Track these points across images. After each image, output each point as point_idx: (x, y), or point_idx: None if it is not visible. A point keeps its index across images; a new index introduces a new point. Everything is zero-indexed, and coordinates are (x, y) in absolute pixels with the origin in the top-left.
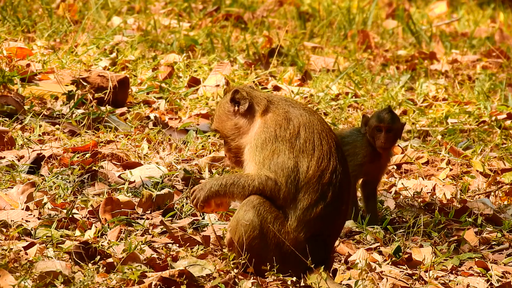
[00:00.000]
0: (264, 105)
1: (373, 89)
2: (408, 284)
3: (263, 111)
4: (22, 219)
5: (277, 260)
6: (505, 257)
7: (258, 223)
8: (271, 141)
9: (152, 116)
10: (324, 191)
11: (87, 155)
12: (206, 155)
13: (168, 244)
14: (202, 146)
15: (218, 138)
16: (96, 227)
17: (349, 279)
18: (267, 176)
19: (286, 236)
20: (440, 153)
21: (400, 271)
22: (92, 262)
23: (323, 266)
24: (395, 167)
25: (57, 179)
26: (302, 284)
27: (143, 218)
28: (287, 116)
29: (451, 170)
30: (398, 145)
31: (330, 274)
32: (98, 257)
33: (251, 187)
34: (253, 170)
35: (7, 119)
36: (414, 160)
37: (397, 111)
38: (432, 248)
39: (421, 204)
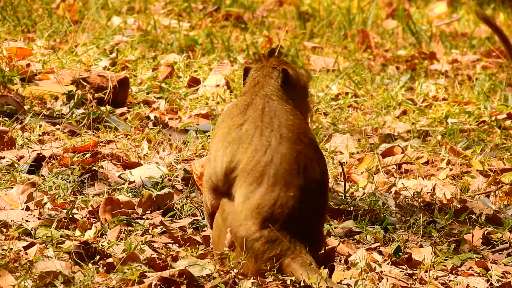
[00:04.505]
0: None
1: (373, 89)
2: (408, 284)
3: None
4: (22, 219)
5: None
6: (505, 257)
7: None
8: None
9: (152, 116)
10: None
11: (87, 155)
12: (206, 155)
13: (168, 244)
14: (202, 146)
15: None
16: (96, 227)
17: (349, 279)
18: None
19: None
20: (440, 153)
21: (400, 271)
22: (92, 262)
23: (323, 266)
24: (395, 167)
25: (57, 179)
26: (302, 284)
27: (143, 218)
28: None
29: (451, 170)
30: (398, 145)
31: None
32: (98, 257)
33: None
34: None
35: (7, 119)
36: (414, 160)
37: (397, 111)
38: (432, 248)
39: (421, 204)
